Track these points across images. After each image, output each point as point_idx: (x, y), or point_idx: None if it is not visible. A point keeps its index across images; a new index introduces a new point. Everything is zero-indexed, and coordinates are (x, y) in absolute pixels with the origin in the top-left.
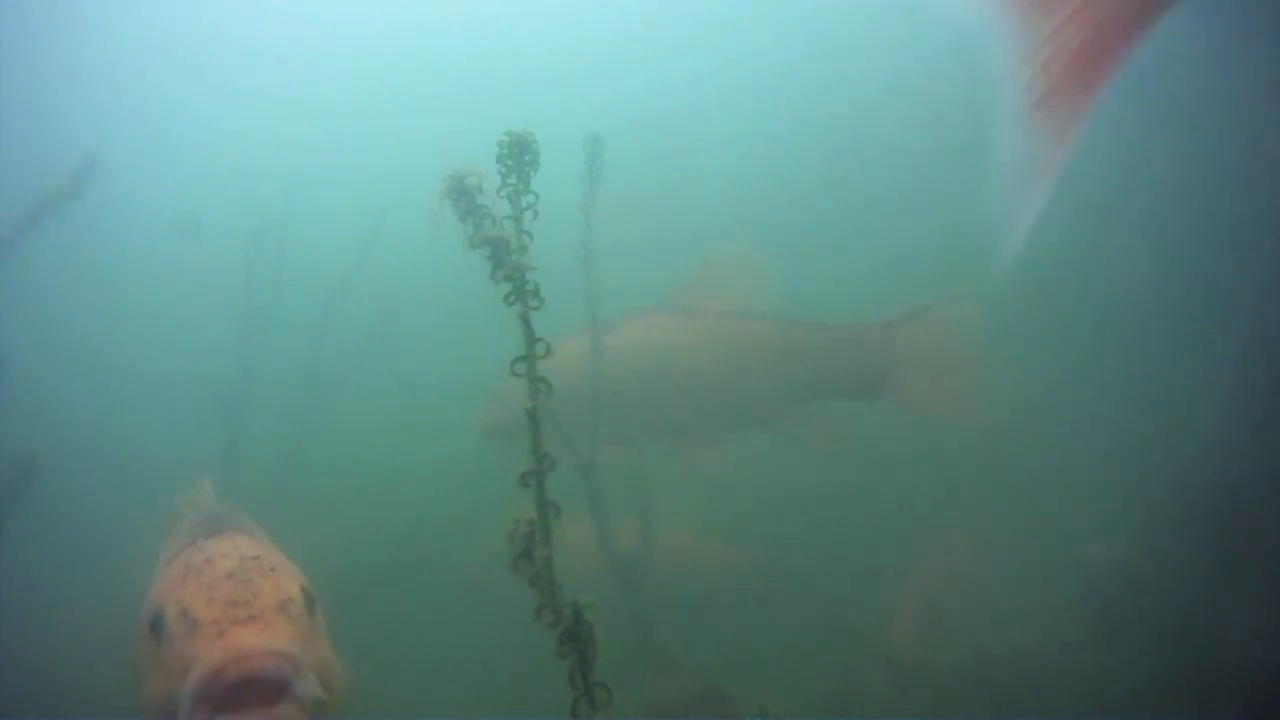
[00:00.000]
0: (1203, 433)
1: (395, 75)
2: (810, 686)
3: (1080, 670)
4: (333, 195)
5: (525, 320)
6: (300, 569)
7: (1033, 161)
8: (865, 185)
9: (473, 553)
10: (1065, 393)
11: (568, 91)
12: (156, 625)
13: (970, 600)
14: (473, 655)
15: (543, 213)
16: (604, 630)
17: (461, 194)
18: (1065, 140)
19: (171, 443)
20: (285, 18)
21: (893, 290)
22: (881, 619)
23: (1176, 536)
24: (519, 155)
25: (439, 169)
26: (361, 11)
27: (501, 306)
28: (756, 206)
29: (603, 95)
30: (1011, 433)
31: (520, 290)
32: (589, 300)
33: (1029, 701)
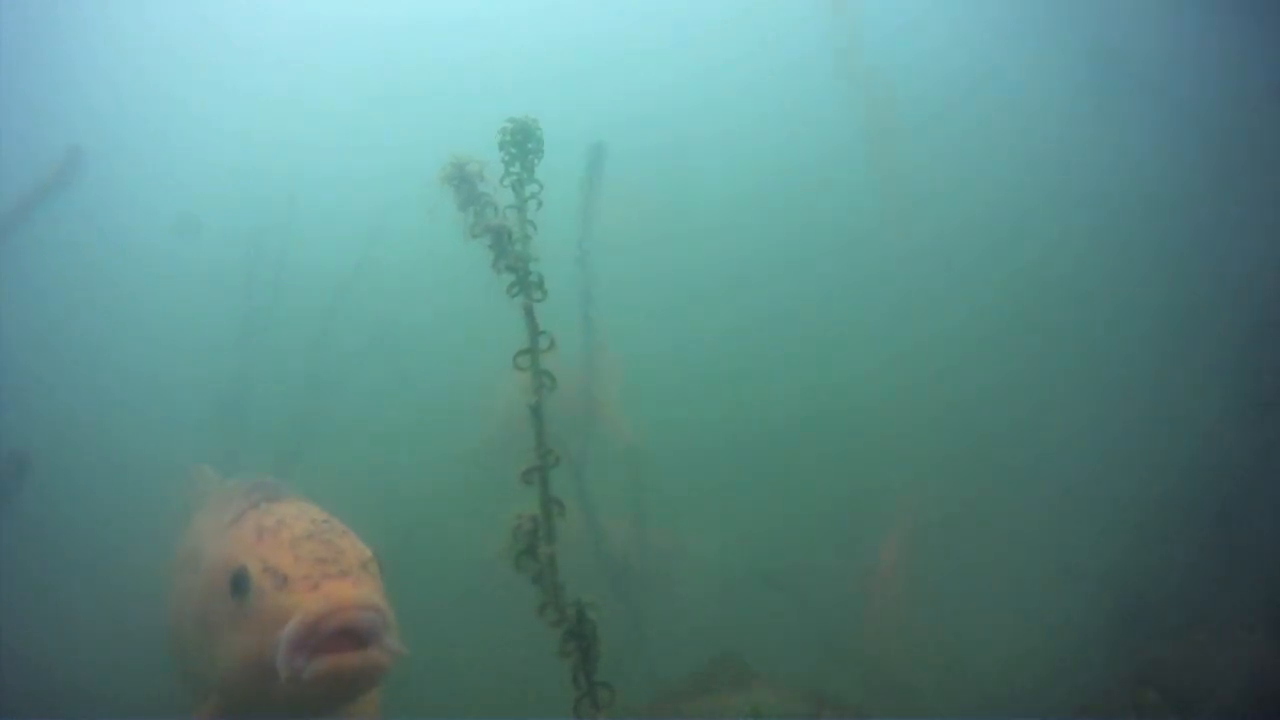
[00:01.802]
0: (1207, 421)
1: (396, 76)
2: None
3: (1080, 667)
4: (333, 196)
5: (529, 312)
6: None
7: None
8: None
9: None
10: (1072, 387)
11: (569, 92)
12: (239, 582)
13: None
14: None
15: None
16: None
17: (462, 181)
18: None
19: (170, 442)
20: (286, 19)
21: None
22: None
23: (1181, 529)
24: (522, 143)
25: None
26: (365, 13)
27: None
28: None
29: (606, 95)
30: (1018, 428)
31: (523, 281)
32: (583, 301)
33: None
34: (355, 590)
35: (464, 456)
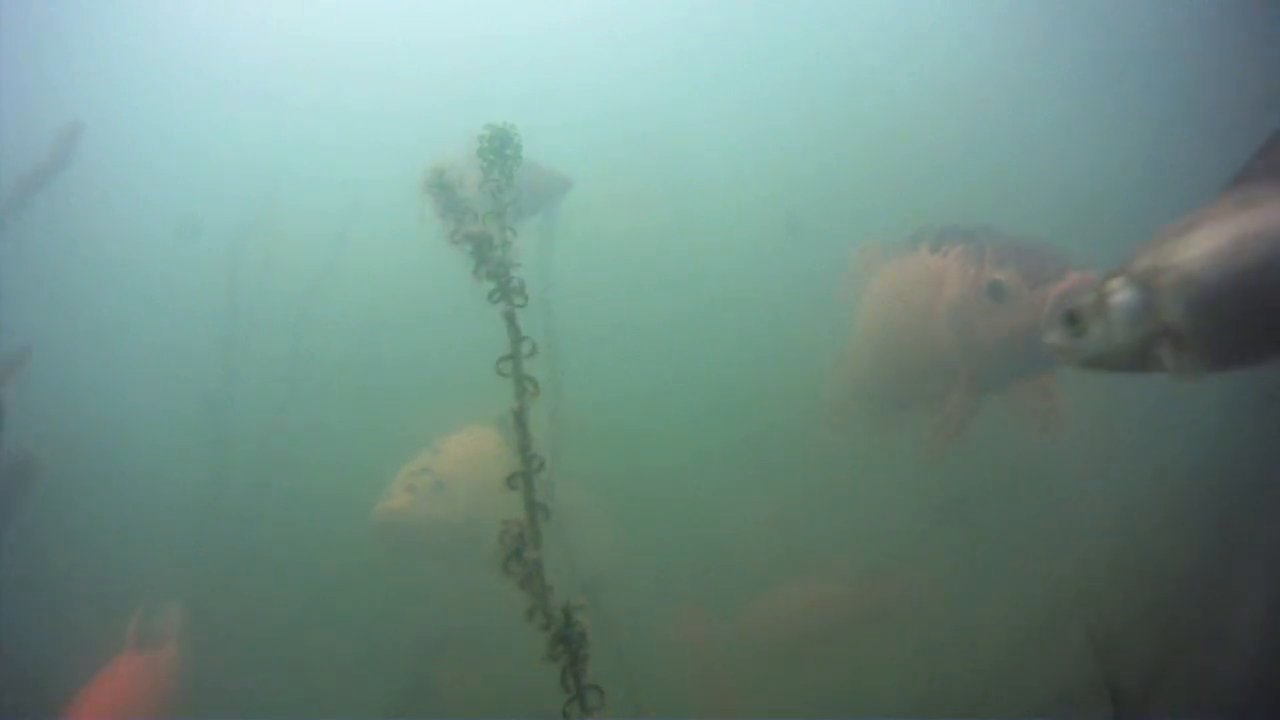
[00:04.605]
0: (1212, 421)
1: (398, 82)
2: None
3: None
4: (328, 196)
5: (510, 319)
6: None
7: None
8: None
9: None
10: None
11: (567, 99)
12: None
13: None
14: None
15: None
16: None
17: (441, 188)
18: None
19: (159, 443)
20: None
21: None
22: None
23: (1183, 530)
24: (500, 149)
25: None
26: (376, 23)
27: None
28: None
29: (592, 104)
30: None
31: (504, 288)
32: (545, 334)
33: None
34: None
35: None
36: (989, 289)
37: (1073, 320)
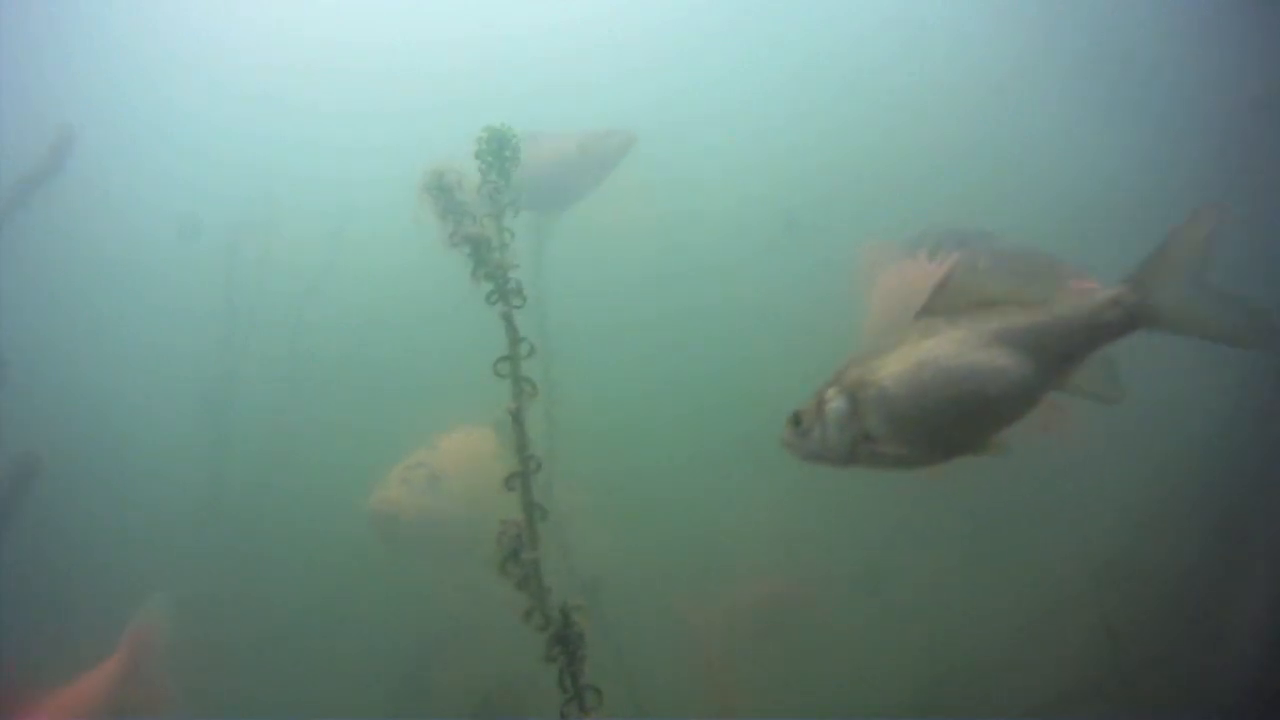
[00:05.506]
0: (1210, 423)
1: (397, 82)
2: None
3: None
4: (331, 197)
5: (508, 320)
6: None
7: None
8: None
9: None
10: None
11: (567, 99)
12: None
13: None
14: None
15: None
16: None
17: (440, 190)
18: None
19: (159, 443)
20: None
21: None
22: None
23: (1183, 530)
24: (499, 150)
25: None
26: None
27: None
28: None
29: (592, 103)
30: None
31: (502, 289)
32: (540, 334)
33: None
34: None
35: None
36: None
37: (798, 421)
